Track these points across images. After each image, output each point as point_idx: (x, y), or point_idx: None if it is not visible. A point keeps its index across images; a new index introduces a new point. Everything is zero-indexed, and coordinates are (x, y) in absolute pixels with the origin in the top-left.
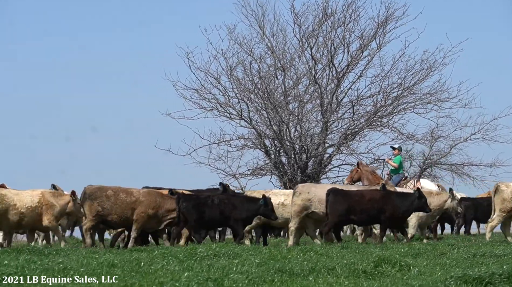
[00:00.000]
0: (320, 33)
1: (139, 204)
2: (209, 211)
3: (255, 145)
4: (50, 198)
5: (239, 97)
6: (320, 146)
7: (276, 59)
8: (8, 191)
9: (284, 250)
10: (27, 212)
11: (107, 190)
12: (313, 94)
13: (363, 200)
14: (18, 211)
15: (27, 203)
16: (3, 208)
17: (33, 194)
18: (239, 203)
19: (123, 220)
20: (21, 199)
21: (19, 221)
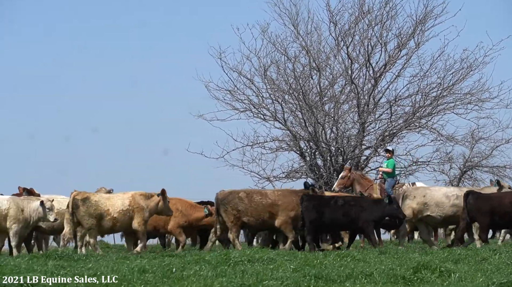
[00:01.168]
0: (356, 32)
1: (278, 207)
2: (331, 212)
3: (290, 147)
4: (140, 200)
5: (273, 98)
6: (356, 148)
7: (311, 58)
8: (100, 196)
9: (320, 255)
10: (120, 217)
11: (239, 192)
12: (349, 94)
13: (504, 202)
14: (112, 217)
15: (119, 207)
16: (98, 215)
17: (124, 197)
18: (367, 205)
19: (260, 222)
20: (113, 203)
21: (112, 227)
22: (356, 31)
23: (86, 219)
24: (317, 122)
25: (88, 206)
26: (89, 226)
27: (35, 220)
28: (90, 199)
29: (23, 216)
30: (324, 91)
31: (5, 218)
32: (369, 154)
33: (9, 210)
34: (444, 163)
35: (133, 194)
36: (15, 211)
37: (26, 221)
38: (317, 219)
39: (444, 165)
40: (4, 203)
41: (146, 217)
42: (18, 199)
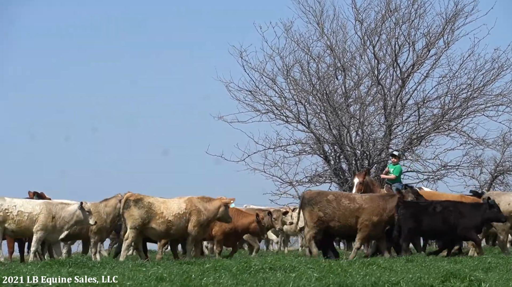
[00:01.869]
0: (383, 30)
1: (363, 211)
2: (430, 219)
3: (314, 151)
4: (197, 203)
5: (296, 99)
6: (383, 152)
7: (335, 58)
8: (154, 199)
9: (344, 263)
10: (175, 220)
11: (328, 194)
12: (375, 95)
13: None
14: (166, 220)
15: (175, 211)
16: (148, 218)
17: (180, 201)
18: (466, 210)
19: (346, 228)
20: (168, 206)
21: (167, 231)
22: (383, 30)
23: (133, 218)
24: (342, 124)
25: (140, 207)
26: (134, 225)
27: (72, 224)
28: (143, 200)
29: (51, 224)
30: (349, 92)
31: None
32: None
33: (40, 215)
34: (474, 168)
35: (190, 197)
36: (45, 217)
37: (54, 228)
38: (415, 227)
39: (474, 169)
40: (36, 208)
41: (203, 221)
42: (51, 205)
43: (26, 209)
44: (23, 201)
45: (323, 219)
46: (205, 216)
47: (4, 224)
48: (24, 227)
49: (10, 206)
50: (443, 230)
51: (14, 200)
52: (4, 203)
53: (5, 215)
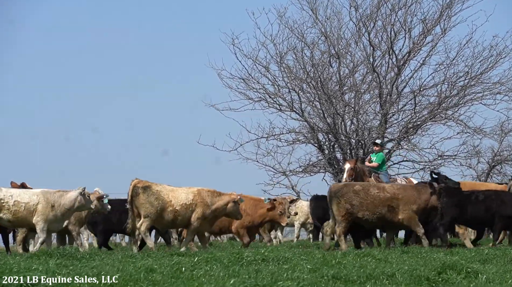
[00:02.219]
0: (378, 17)
1: (399, 201)
2: (473, 208)
3: (307, 140)
4: (206, 196)
5: (290, 87)
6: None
7: (330, 45)
8: (162, 187)
9: (338, 254)
10: (181, 210)
11: (355, 185)
12: (371, 83)
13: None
14: (173, 209)
15: (182, 201)
16: (159, 205)
17: (188, 191)
18: (508, 199)
19: (376, 218)
20: (176, 196)
21: (174, 220)
22: (379, 16)
23: (145, 207)
24: (337, 113)
25: (149, 194)
26: (147, 214)
27: (73, 211)
28: (151, 188)
29: (52, 213)
30: (344, 80)
31: (33, 213)
32: (392, 147)
33: (38, 205)
34: (471, 157)
35: (199, 189)
36: (43, 206)
37: (56, 217)
38: (459, 215)
39: (472, 159)
40: (33, 198)
41: (207, 215)
42: (49, 194)
43: (22, 199)
44: (20, 191)
45: (350, 211)
46: (211, 210)
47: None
48: (21, 217)
49: (6, 196)
50: (485, 219)
51: (10, 190)
52: (0, 193)
53: (0, 205)
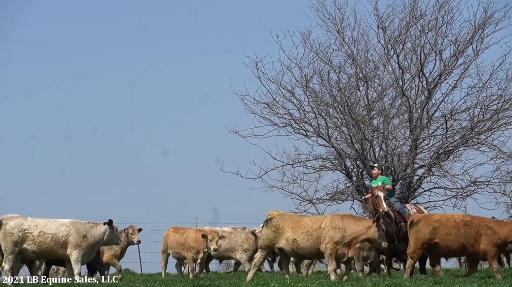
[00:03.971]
0: (408, 38)
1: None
2: None
3: (335, 166)
4: (336, 221)
5: (316, 112)
6: (408, 167)
7: (357, 68)
8: (289, 217)
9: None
10: (302, 238)
11: None
12: (400, 107)
13: None
14: (291, 239)
15: (306, 228)
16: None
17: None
18: None
19: None
20: (300, 225)
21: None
22: (408, 38)
23: (261, 239)
24: (365, 138)
25: (269, 226)
26: (260, 245)
27: (101, 244)
28: (272, 219)
29: (85, 243)
30: (372, 104)
31: (64, 245)
32: (422, 173)
33: (69, 237)
34: (505, 183)
35: (333, 215)
36: (74, 238)
37: (88, 247)
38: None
39: (506, 185)
40: (62, 229)
41: (338, 239)
42: (79, 224)
43: (49, 229)
44: (46, 221)
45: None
46: (341, 234)
47: (23, 245)
48: (47, 248)
49: (30, 226)
50: None
51: (36, 220)
52: (25, 223)
53: (24, 235)
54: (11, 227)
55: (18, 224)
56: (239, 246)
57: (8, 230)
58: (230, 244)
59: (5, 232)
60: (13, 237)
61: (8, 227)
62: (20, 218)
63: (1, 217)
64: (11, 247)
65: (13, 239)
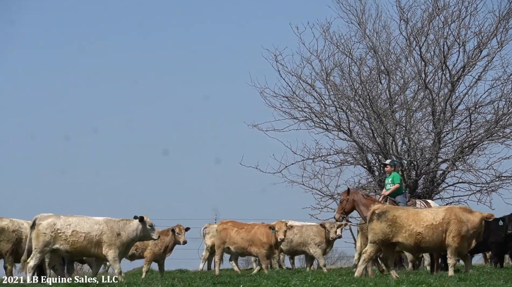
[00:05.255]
0: (430, 30)
1: None
2: None
3: (356, 161)
4: (459, 213)
5: (337, 105)
6: (432, 162)
7: (379, 60)
8: (404, 210)
9: (392, 281)
10: (426, 232)
11: None
12: (423, 101)
13: None
14: (415, 232)
15: (428, 221)
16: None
17: (438, 210)
18: None
19: None
20: (420, 218)
21: (417, 244)
22: (430, 30)
23: (373, 233)
24: (387, 132)
25: (383, 220)
26: (374, 240)
27: (135, 241)
28: (387, 213)
29: (119, 240)
30: (394, 97)
31: (98, 244)
32: (446, 168)
33: (103, 236)
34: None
35: (451, 207)
36: (108, 237)
37: (123, 246)
38: None
39: None
40: (95, 227)
41: (464, 233)
42: (113, 222)
43: (82, 228)
44: (80, 220)
45: None
46: (467, 227)
47: (55, 245)
48: (81, 247)
49: (63, 226)
50: None
51: (69, 219)
52: (57, 223)
53: (56, 235)
54: (43, 227)
55: (51, 224)
56: (311, 240)
57: (41, 230)
58: (302, 238)
59: (38, 232)
60: (46, 237)
61: (41, 228)
62: (53, 217)
63: (35, 216)
64: (41, 247)
65: (45, 239)
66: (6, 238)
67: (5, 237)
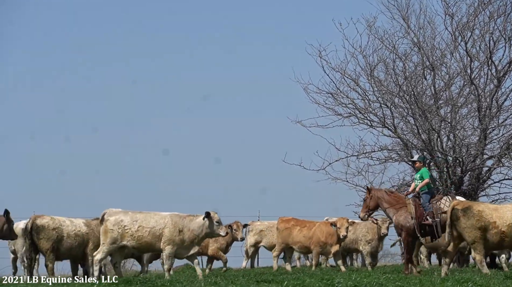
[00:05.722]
0: (476, 25)
1: None
2: None
3: (401, 157)
4: None
5: (381, 101)
6: (477, 158)
7: (424, 56)
8: (485, 206)
9: (437, 279)
10: (509, 231)
11: None
12: (468, 96)
13: None
14: (499, 231)
15: (509, 220)
16: (482, 227)
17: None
18: None
19: None
20: (501, 215)
21: (500, 242)
22: (476, 25)
23: (468, 231)
24: (432, 128)
25: (470, 216)
26: (473, 239)
27: (202, 237)
28: (472, 208)
29: (179, 237)
30: (439, 93)
31: (161, 238)
32: (492, 164)
33: (165, 229)
34: None
35: None
36: (170, 231)
37: (183, 242)
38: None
39: None
40: (160, 222)
41: None
42: (178, 218)
43: (148, 223)
44: (146, 215)
45: None
46: None
47: (122, 241)
48: (146, 242)
49: (130, 222)
50: None
51: (136, 215)
52: (125, 219)
53: (123, 232)
54: (111, 224)
55: (118, 221)
56: (363, 237)
57: (109, 227)
58: (355, 235)
59: (106, 228)
60: (113, 234)
61: (109, 224)
62: (121, 214)
63: (103, 211)
64: (109, 242)
65: (113, 235)
66: (46, 236)
67: (45, 235)
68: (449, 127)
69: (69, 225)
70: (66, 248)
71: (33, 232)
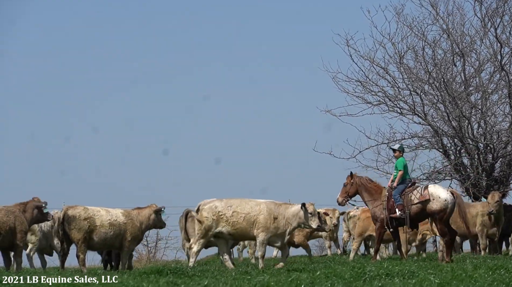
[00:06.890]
0: (505, 11)
1: None
2: None
3: (431, 145)
4: None
5: (411, 89)
6: (509, 145)
7: (453, 43)
8: None
9: (468, 267)
10: None
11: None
12: (499, 83)
13: None
14: None
15: None
16: None
17: None
18: None
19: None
20: None
21: None
22: (506, 10)
23: None
24: (462, 115)
25: None
26: None
27: (294, 227)
28: None
29: (274, 225)
30: (469, 80)
31: (254, 225)
32: None
33: (259, 216)
34: None
35: None
36: (265, 218)
37: (277, 230)
38: None
39: None
40: (255, 208)
41: None
42: (272, 205)
43: (243, 209)
44: (241, 201)
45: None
46: None
47: (217, 228)
48: (241, 229)
49: (224, 208)
50: None
51: (231, 201)
52: (219, 205)
53: (218, 218)
54: (206, 212)
55: (212, 207)
56: None
57: (204, 215)
58: None
59: (201, 217)
60: (208, 222)
61: (204, 213)
62: (215, 201)
63: (199, 203)
64: (204, 232)
65: (208, 223)
66: (78, 226)
67: (76, 225)
68: (480, 113)
69: (104, 214)
70: (100, 238)
71: (65, 223)
